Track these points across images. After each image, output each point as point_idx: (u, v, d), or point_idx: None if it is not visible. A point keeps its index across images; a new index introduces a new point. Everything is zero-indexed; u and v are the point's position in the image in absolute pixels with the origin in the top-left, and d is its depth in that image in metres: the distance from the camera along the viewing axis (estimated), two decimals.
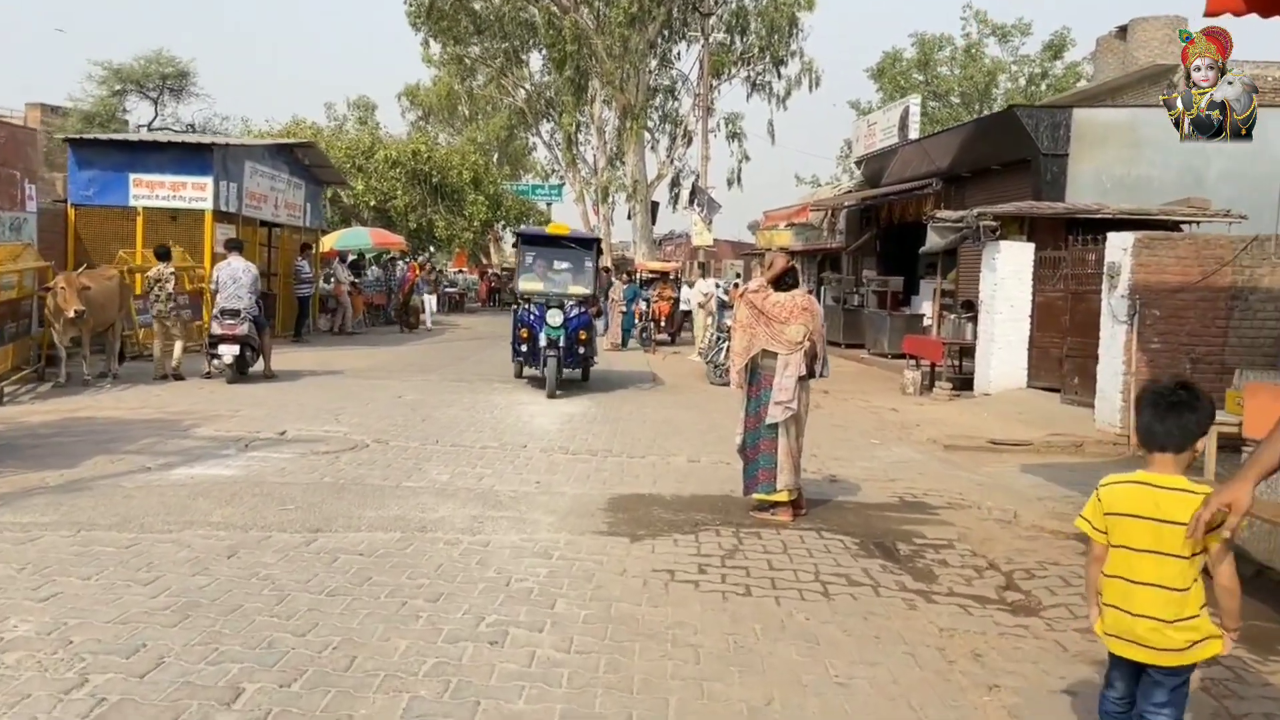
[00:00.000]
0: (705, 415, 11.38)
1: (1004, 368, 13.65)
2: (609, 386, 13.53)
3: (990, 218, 13.43)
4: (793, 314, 6.43)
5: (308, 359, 16.01)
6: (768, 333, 6.45)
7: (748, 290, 6.62)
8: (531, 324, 12.39)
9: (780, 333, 6.43)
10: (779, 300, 6.48)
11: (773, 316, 6.44)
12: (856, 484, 8.04)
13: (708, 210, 28.78)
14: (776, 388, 6.39)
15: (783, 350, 6.44)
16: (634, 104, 30.88)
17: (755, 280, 6.66)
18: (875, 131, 22.01)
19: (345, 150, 34.14)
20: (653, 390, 13.99)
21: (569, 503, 6.58)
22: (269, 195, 19.41)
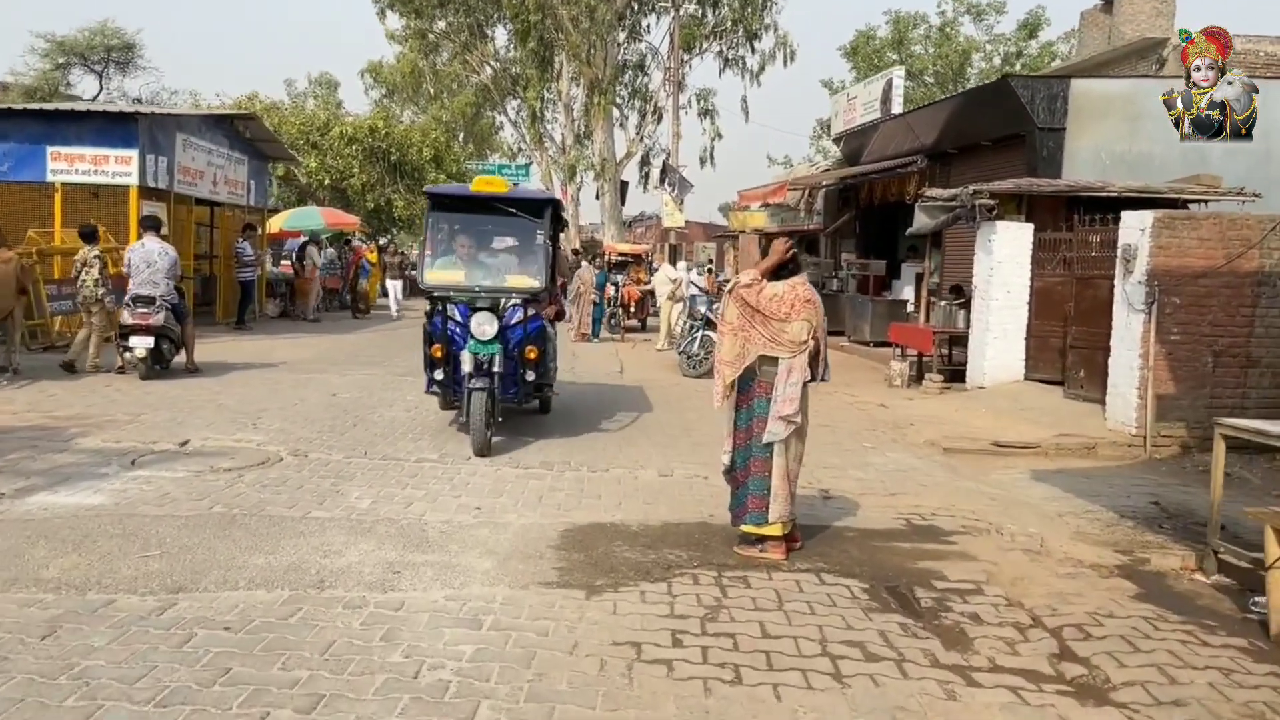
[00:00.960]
0: (678, 415, 10.21)
1: (1000, 358, 12.59)
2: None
3: (986, 195, 12.34)
4: (794, 308, 5.28)
5: (245, 349, 14.66)
6: (765, 334, 5.30)
7: (738, 286, 5.42)
8: (451, 338, 8.06)
9: (780, 332, 5.29)
10: (777, 293, 5.31)
11: (770, 314, 5.28)
12: (854, 501, 6.92)
13: (679, 190, 27.58)
14: (780, 398, 5.25)
15: (784, 353, 5.29)
16: (602, 78, 29.54)
17: (747, 274, 5.50)
18: (856, 106, 20.88)
19: (300, 126, 32.59)
20: (613, 385, 12.80)
21: (513, 539, 5.39)
22: (205, 171, 17.95)
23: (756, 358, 5.31)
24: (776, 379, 5.28)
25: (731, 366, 5.37)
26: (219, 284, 19.50)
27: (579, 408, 10.33)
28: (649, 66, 33.06)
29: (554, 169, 37.04)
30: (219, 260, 19.90)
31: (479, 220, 8.88)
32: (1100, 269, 10.98)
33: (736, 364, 5.35)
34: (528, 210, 8.69)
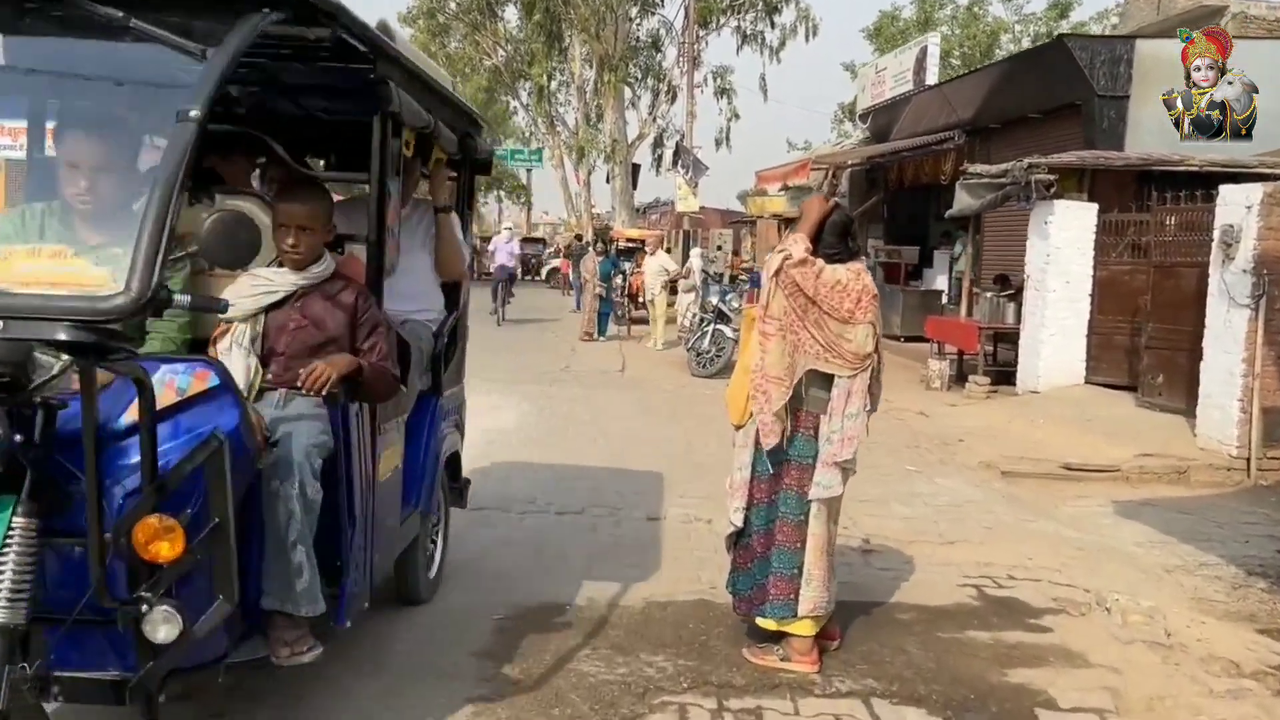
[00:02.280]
0: (679, 426, 8.59)
1: (1057, 359, 10.90)
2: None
3: (1044, 170, 10.61)
4: (860, 304, 3.64)
5: None
6: (819, 340, 3.63)
7: (787, 263, 3.63)
8: None
9: (840, 338, 3.63)
10: (839, 281, 3.63)
11: (830, 310, 3.62)
12: (902, 553, 5.30)
13: (693, 172, 25.88)
14: (837, 436, 3.64)
15: (843, 369, 3.65)
16: (612, 54, 27.83)
17: (794, 242, 3.67)
18: (885, 79, 19.12)
19: None
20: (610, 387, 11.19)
21: (422, 636, 3.78)
22: None
23: (799, 371, 3.67)
24: (831, 407, 3.65)
25: (781, 385, 3.63)
26: None
27: (560, 417, 8.72)
28: (663, 43, 31.33)
29: (566, 154, 35.45)
30: None
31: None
32: (1185, 255, 9.28)
33: (787, 382, 3.63)
34: None
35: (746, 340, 3.94)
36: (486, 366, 11.75)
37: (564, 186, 42.87)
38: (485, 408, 8.84)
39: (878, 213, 20.48)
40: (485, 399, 9.29)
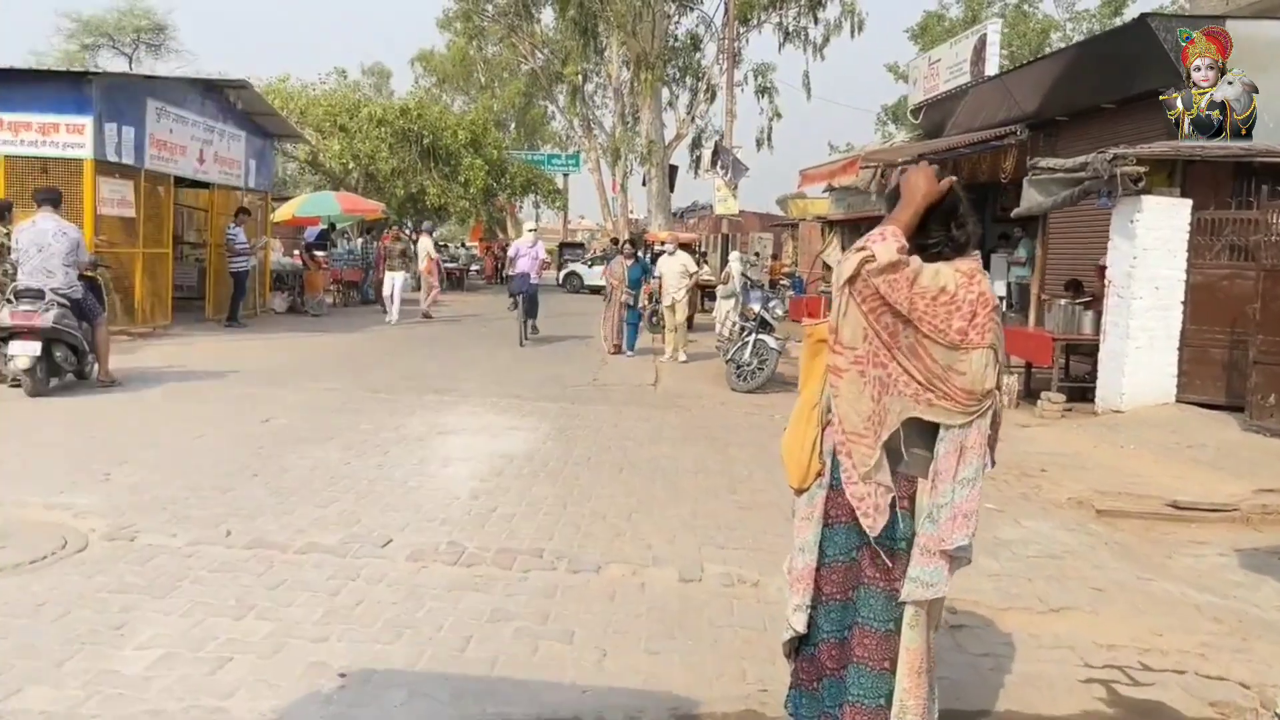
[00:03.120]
0: (719, 453, 7.52)
1: (1143, 374, 9.69)
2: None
3: (1131, 161, 9.41)
4: (975, 321, 2.53)
5: (208, 352, 12.29)
6: (918, 372, 2.52)
7: (868, 268, 2.49)
8: None
9: (949, 372, 2.52)
10: (944, 288, 2.51)
11: (932, 331, 2.51)
12: (1001, 632, 4.20)
13: (733, 173, 24.78)
14: (945, 515, 2.54)
15: (953, 415, 2.54)
16: (649, 52, 26.81)
17: (881, 238, 2.54)
18: (939, 71, 17.91)
19: (327, 108, 30.44)
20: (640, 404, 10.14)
21: None
22: (188, 146, 15.66)
23: (893, 419, 2.58)
24: (936, 468, 2.57)
25: (868, 440, 2.56)
26: (209, 276, 17.23)
27: (581, 441, 7.68)
28: (701, 40, 30.26)
29: (603, 158, 34.53)
30: (207, 249, 17.66)
31: None
32: None
33: (871, 435, 2.57)
34: None
35: (809, 370, 2.86)
36: (506, 380, 10.81)
37: (600, 190, 42.02)
38: (499, 428, 7.86)
39: None
40: (500, 418, 8.32)
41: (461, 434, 7.63)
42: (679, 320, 14.41)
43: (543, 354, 13.78)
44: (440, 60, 53.45)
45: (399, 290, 18.05)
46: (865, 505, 2.57)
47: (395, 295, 18.00)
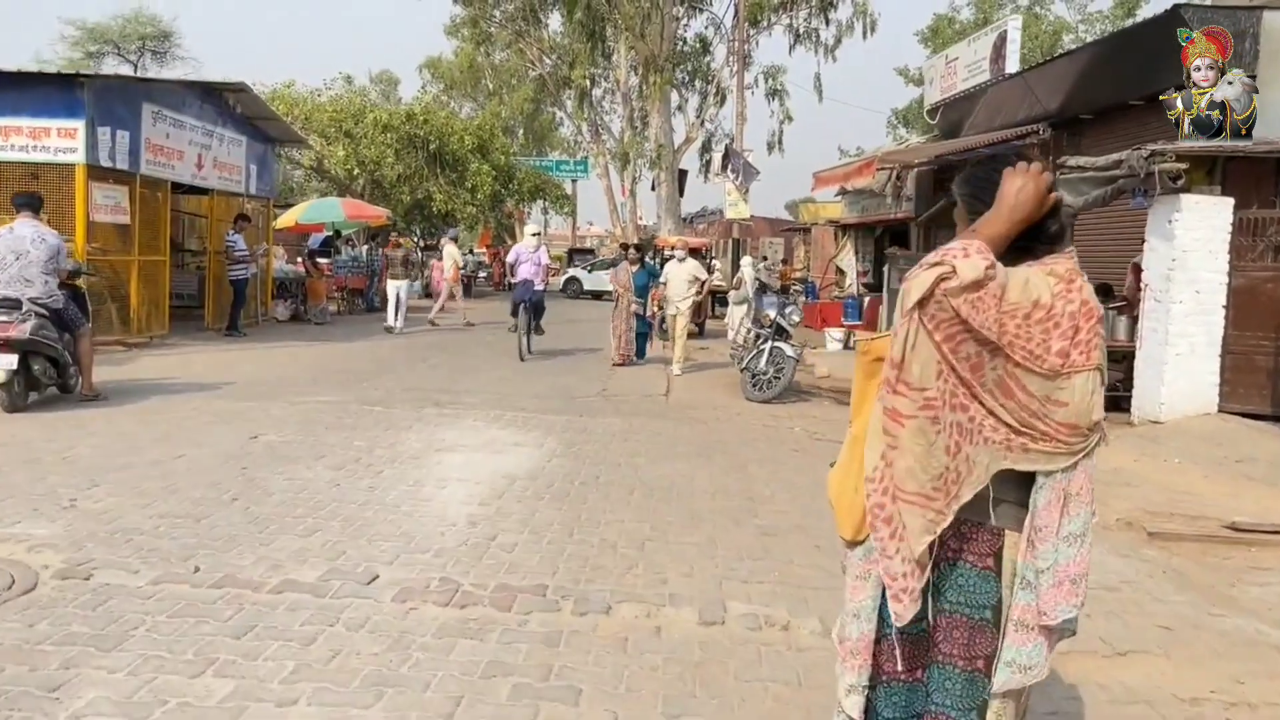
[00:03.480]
0: (736, 470, 7.01)
1: (1183, 383, 9.17)
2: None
3: (1171, 158, 8.89)
4: (1077, 337, 1.99)
5: (203, 363, 11.86)
6: (1007, 414, 1.99)
7: (946, 288, 1.92)
8: None
9: (1048, 405, 1.99)
10: (1038, 300, 1.97)
11: (1027, 357, 1.97)
12: (1066, 683, 3.70)
13: (743, 177, 24.30)
14: (1048, 580, 2.01)
15: (1054, 458, 2.01)
16: (658, 54, 26.38)
17: (963, 253, 1.96)
18: (956, 70, 17.40)
19: (332, 114, 30.05)
20: (650, 416, 9.64)
21: None
22: (185, 151, 15.26)
23: (980, 473, 2.04)
24: (1034, 523, 2.03)
25: (928, 509, 2.03)
26: (208, 284, 16.81)
27: (590, 458, 7.19)
28: (710, 43, 29.83)
29: (611, 163, 34.11)
30: (206, 255, 17.25)
31: None
32: None
33: (942, 499, 2.03)
34: None
35: (864, 394, 2.33)
36: (510, 391, 10.31)
37: (609, 196, 41.59)
38: (501, 444, 7.38)
39: (948, 217, 18.73)
40: (503, 433, 7.84)
41: (461, 451, 7.14)
42: (679, 331, 13.54)
43: (549, 364, 13.29)
44: (448, 67, 53.20)
45: (403, 298, 17.40)
46: (897, 587, 2.05)
47: (401, 303, 17.31)
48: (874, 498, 2.06)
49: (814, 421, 9.40)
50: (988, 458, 2.01)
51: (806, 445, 8.11)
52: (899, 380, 2.01)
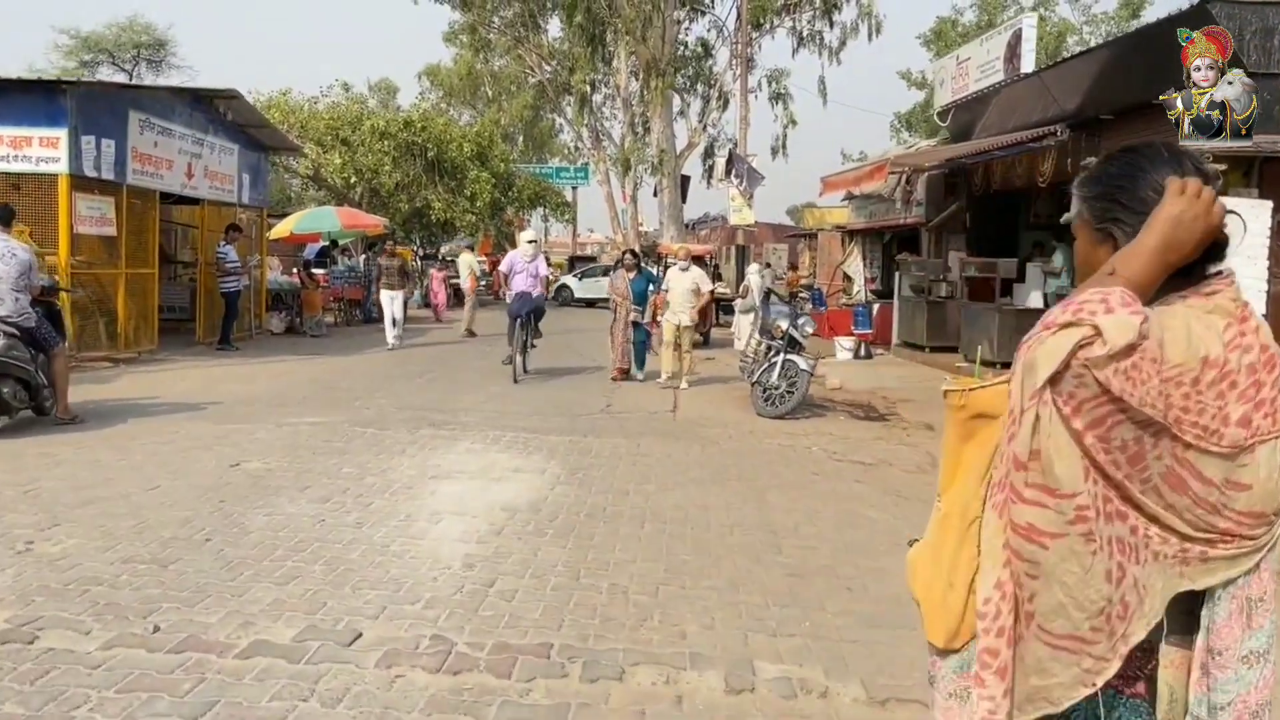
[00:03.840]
0: (754, 499, 6.51)
1: None
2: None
3: (1208, 158, 8.39)
4: (1259, 395, 1.45)
5: (192, 380, 11.38)
6: (1178, 516, 1.43)
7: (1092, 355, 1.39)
8: None
9: (1228, 490, 1.43)
10: (1207, 356, 1.41)
11: (1200, 431, 1.40)
12: None
13: (748, 182, 23.80)
14: (1233, 712, 1.47)
15: (1236, 562, 1.46)
16: (659, 58, 25.91)
17: (1107, 306, 1.40)
18: (968, 70, 16.92)
19: (328, 121, 29.65)
20: (658, 435, 9.15)
21: None
22: (175, 160, 14.80)
23: (1155, 603, 1.50)
24: (1209, 643, 1.50)
25: (1097, 648, 1.47)
26: (199, 296, 16.34)
27: (596, 486, 6.70)
28: (713, 46, 29.37)
29: (612, 169, 33.67)
30: (197, 268, 16.78)
31: None
32: None
33: (1107, 643, 1.46)
34: None
35: (957, 459, 1.80)
36: (510, 409, 9.81)
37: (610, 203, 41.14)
38: (500, 470, 6.88)
39: (959, 222, 18.27)
40: (501, 456, 7.34)
41: (457, 478, 6.64)
42: (686, 346, 12.51)
43: (550, 378, 12.80)
44: (447, 74, 52.90)
45: (399, 310, 16.60)
46: None
47: (396, 316, 16.43)
48: (987, 639, 1.53)
49: (832, 440, 8.90)
50: (1161, 580, 1.48)
51: (827, 468, 7.61)
52: (1034, 485, 1.47)
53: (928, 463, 8.02)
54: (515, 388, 11.64)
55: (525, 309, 12.46)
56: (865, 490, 6.89)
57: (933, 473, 7.76)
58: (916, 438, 9.30)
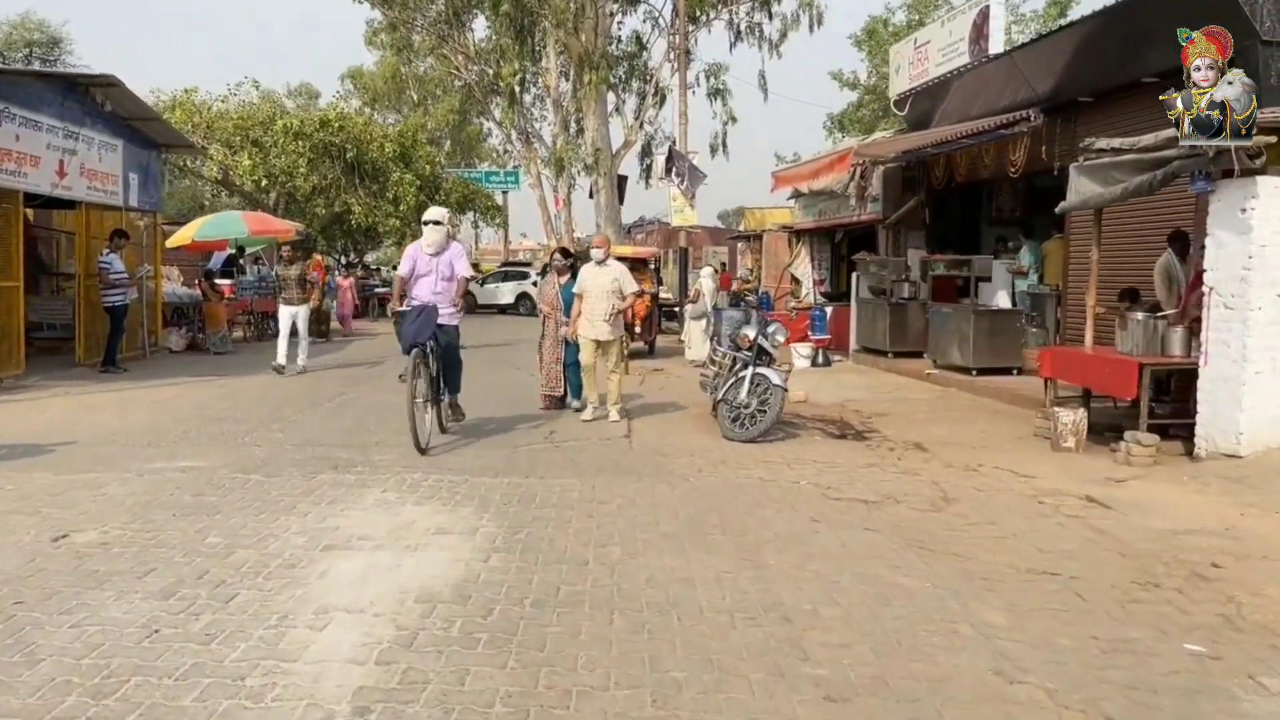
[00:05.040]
0: (745, 555, 5.04)
1: (1266, 408, 7.48)
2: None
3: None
4: None
5: (55, 410, 9.56)
6: None
7: None
8: None
9: None
10: None
11: None
12: None
13: (689, 181, 22.44)
14: None
15: None
16: (592, 51, 24.44)
17: None
18: (928, 54, 15.77)
19: (237, 121, 27.56)
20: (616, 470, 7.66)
21: None
22: (43, 156, 12.84)
23: None
24: None
25: None
26: (78, 312, 14.36)
27: (543, 553, 5.17)
28: (648, 39, 27.98)
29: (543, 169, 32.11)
30: (74, 281, 14.79)
31: None
32: None
33: None
34: None
35: None
36: (431, 442, 7.79)
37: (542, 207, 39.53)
38: (419, 533, 5.30)
39: (918, 218, 17.13)
40: (420, 511, 5.75)
41: (359, 549, 5.05)
42: (611, 364, 9.93)
43: (480, 399, 11.16)
44: (370, 78, 50.81)
45: (302, 326, 13.98)
46: None
47: (299, 333, 13.96)
48: None
49: (818, 470, 7.49)
50: None
51: (824, 510, 6.19)
52: None
53: (938, 497, 6.67)
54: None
55: (424, 334, 8.05)
56: (880, 542, 5.48)
57: (947, 510, 6.42)
58: (911, 462, 7.97)
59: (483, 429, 9.00)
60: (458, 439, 8.45)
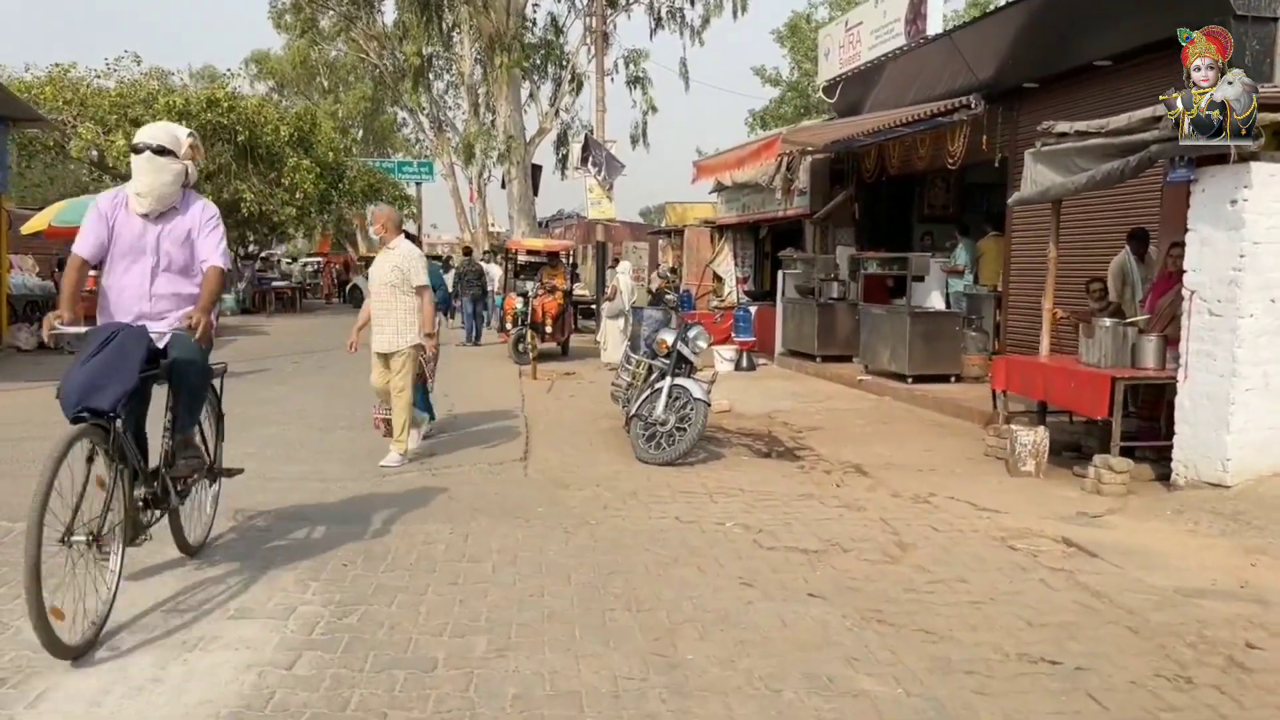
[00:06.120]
0: (659, 651, 3.74)
1: (1260, 431, 6.49)
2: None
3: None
4: None
5: None
6: None
7: None
8: None
9: None
10: None
11: None
12: None
13: (607, 171, 21.17)
14: None
15: None
16: (504, 32, 22.93)
17: None
18: (859, 37, 14.73)
19: (114, 99, 25.29)
20: (502, 511, 6.29)
21: None
22: None
23: None
24: None
25: None
26: None
27: (374, 633, 3.79)
28: (564, 22, 26.57)
29: (456, 159, 30.49)
30: None
31: None
32: None
33: None
34: None
35: None
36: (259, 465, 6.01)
37: (455, 198, 37.83)
38: (210, 620, 3.86)
39: (848, 213, 16.10)
40: (212, 575, 4.30)
41: (107, 654, 3.58)
42: (399, 386, 7.32)
43: (330, 393, 9.63)
44: (278, 62, 48.30)
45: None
46: None
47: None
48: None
49: (747, 503, 6.25)
50: None
51: (757, 567, 4.93)
52: None
53: (891, 542, 5.49)
54: (277, 420, 8.44)
55: (115, 386, 3.98)
56: (831, 617, 4.24)
57: (904, 561, 5.23)
58: (854, 490, 6.80)
59: (329, 443, 7.51)
60: (293, 456, 6.95)
